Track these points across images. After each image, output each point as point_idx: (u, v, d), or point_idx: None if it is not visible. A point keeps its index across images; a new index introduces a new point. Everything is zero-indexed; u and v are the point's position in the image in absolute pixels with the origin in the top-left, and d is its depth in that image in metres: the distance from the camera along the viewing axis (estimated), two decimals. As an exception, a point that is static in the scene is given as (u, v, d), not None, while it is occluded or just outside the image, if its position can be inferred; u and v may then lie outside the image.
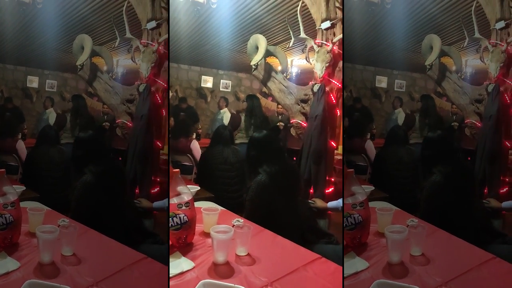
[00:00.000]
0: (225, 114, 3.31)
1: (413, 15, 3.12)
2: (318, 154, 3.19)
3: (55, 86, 3.16)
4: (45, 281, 2.41)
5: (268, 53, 3.23)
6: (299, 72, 3.24)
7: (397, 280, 2.45)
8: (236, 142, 3.30)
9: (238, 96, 3.29)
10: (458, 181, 3.01)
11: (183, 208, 2.70)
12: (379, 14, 3.12)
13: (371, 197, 2.98)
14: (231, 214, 3.00)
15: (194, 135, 3.32)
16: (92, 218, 2.89)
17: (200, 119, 3.31)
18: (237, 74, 3.28)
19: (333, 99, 3.17)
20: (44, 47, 3.13)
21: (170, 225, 2.71)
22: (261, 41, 3.21)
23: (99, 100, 3.17)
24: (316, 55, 3.18)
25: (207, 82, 3.29)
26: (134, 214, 3.05)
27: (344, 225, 2.80)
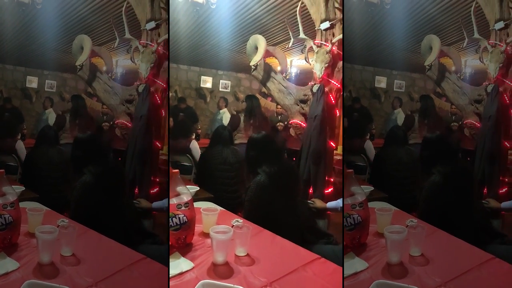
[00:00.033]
0: (224, 114, 3.31)
1: (412, 16, 3.11)
2: (317, 155, 3.19)
3: (55, 86, 3.16)
4: (44, 281, 2.40)
5: (267, 53, 3.24)
6: (299, 72, 3.23)
7: (396, 280, 2.45)
8: (235, 142, 3.30)
9: (238, 96, 3.29)
10: (458, 181, 3.01)
11: (183, 208, 2.69)
12: (379, 14, 3.12)
13: (371, 197, 2.98)
14: (231, 215, 3.00)
15: (193, 135, 3.32)
16: (91, 218, 2.88)
17: (199, 119, 3.31)
18: (236, 75, 3.28)
19: (332, 100, 3.17)
20: (43, 48, 3.13)
21: (169, 225, 2.71)
22: (260, 41, 3.21)
23: (99, 100, 3.17)
24: (315, 56, 3.18)
25: (207, 82, 3.29)
26: (134, 215, 3.05)
27: (343, 225, 2.79)
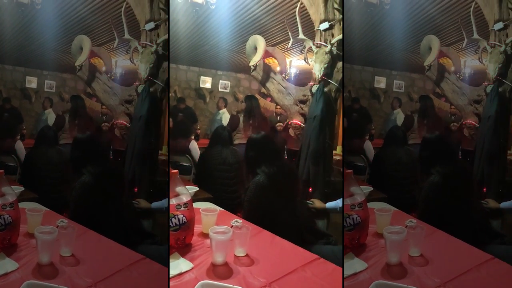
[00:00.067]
0: (224, 114, 3.31)
1: (411, 16, 3.11)
2: (316, 155, 3.19)
3: (54, 86, 3.16)
4: (43, 282, 2.40)
5: (266, 53, 3.24)
6: (298, 73, 3.23)
7: (395, 281, 2.45)
8: (235, 142, 3.30)
9: (237, 96, 3.28)
10: (457, 181, 3.01)
11: (182, 209, 2.69)
12: (378, 15, 3.12)
13: (370, 197, 2.98)
14: (230, 215, 3.00)
15: (193, 136, 3.32)
16: (90, 218, 2.88)
17: (199, 120, 3.31)
18: (236, 75, 3.28)
19: (331, 100, 3.17)
20: (43, 48, 3.13)
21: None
22: (259, 42, 3.21)
23: (98, 100, 3.17)
24: (314, 56, 3.17)
25: (206, 82, 3.29)
26: (133, 215, 3.05)
27: (343, 226, 2.79)
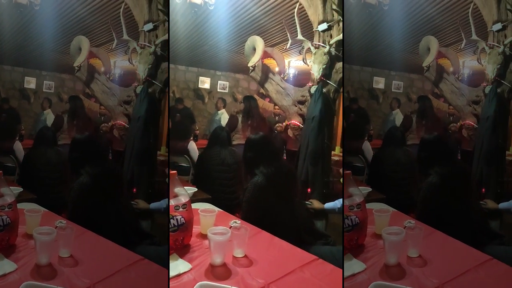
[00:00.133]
0: (222, 115, 3.31)
1: (410, 17, 3.12)
2: (315, 155, 3.19)
3: (53, 87, 3.16)
4: (42, 283, 2.39)
5: (265, 54, 3.24)
6: (296, 73, 3.24)
7: (394, 282, 2.44)
8: (233, 143, 3.30)
9: (236, 97, 3.29)
10: (455, 182, 3.01)
11: (180, 210, 2.68)
12: (377, 15, 3.12)
13: (368, 198, 2.98)
14: (228, 216, 2.99)
15: (191, 136, 3.32)
16: (89, 219, 2.88)
17: (197, 120, 3.31)
18: (234, 75, 3.28)
19: (330, 101, 3.17)
20: (41, 48, 3.13)
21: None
22: (258, 42, 3.21)
23: (97, 101, 3.17)
24: (313, 57, 3.18)
25: (205, 83, 3.29)
26: (131, 216, 3.05)
27: (343, 226, 2.79)
